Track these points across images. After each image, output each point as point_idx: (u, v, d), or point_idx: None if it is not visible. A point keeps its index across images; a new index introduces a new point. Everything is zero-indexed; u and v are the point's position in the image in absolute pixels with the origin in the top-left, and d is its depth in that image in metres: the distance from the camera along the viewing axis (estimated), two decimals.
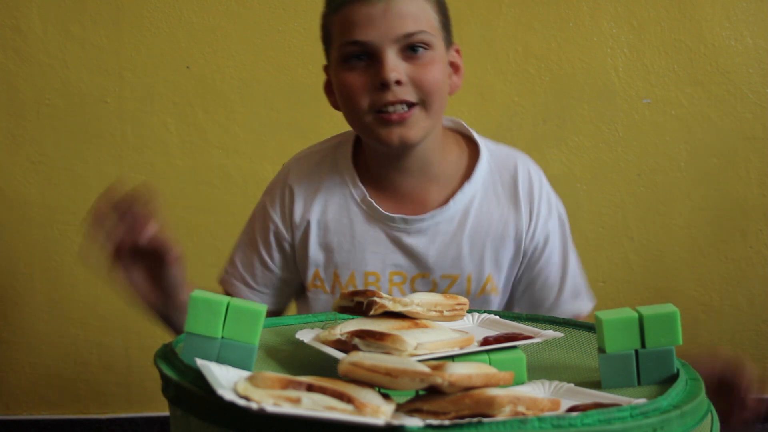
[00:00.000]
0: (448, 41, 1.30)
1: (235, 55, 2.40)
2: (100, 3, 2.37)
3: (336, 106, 1.32)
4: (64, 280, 2.43)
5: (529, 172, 1.36)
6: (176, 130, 2.41)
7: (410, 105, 1.22)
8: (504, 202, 1.33)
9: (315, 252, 1.34)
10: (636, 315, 0.83)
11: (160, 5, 2.37)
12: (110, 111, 2.39)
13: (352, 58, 1.23)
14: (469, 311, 1.02)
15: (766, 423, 2.59)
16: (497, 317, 1.01)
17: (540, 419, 0.66)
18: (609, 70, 2.44)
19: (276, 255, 1.37)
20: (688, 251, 2.49)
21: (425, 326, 0.91)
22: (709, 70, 2.44)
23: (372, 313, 0.91)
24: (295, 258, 1.37)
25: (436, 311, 0.95)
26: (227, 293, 1.39)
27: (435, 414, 0.69)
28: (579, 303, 1.36)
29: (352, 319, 0.93)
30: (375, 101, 1.22)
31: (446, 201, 1.31)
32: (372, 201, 1.31)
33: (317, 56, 2.49)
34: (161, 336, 1.19)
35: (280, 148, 2.41)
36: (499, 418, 0.68)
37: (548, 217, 1.34)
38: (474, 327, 1.00)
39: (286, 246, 1.36)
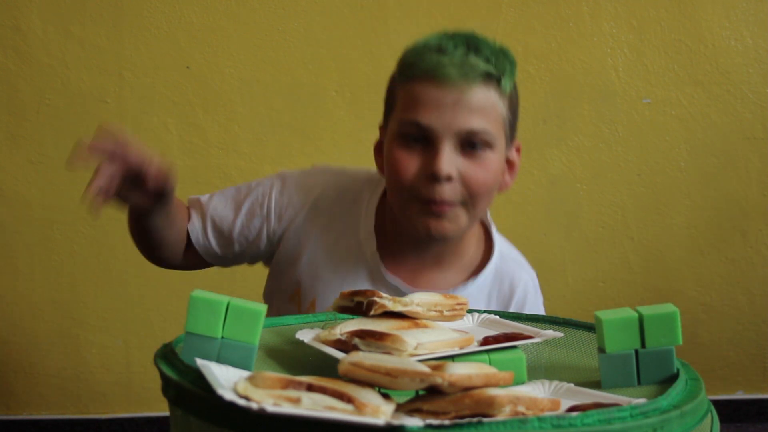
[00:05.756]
0: (511, 138, 1.25)
1: (235, 55, 2.40)
2: (100, 3, 2.37)
3: (381, 170, 1.27)
4: (64, 280, 2.44)
5: (526, 292, 1.32)
6: (176, 130, 2.41)
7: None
8: (494, 302, 1.31)
9: (302, 273, 1.30)
10: (636, 315, 0.84)
11: (160, 5, 2.37)
12: (110, 111, 2.39)
13: (409, 137, 1.18)
14: (469, 311, 1.02)
15: (766, 423, 2.59)
16: (497, 317, 1.01)
17: (540, 419, 0.66)
18: (609, 70, 2.44)
19: (249, 233, 1.32)
20: (688, 251, 2.49)
21: (425, 326, 0.91)
22: (709, 70, 2.44)
23: (372, 313, 0.91)
24: (266, 247, 1.33)
25: (436, 311, 0.95)
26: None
27: (435, 414, 0.69)
28: None
29: (352, 319, 0.93)
30: (420, 190, 1.18)
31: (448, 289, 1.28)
32: (379, 260, 1.28)
33: (317, 56, 2.50)
34: (161, 336, 1.19)
35: (280, 148, 2.41)
36: (499, 418, 0.68)
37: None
38: (474, 327, 1.00)
39: (264, 233, 1.32)
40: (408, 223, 1.22)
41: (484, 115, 1.17)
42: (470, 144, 1.17)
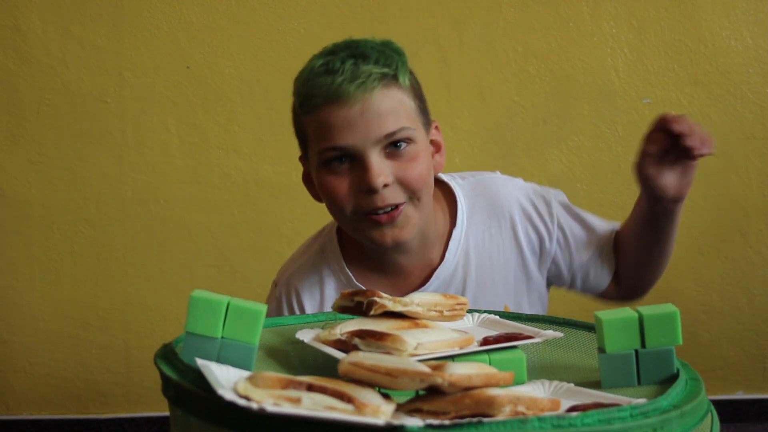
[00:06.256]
0: (427, 123, 1.24)
1: (235, 55, 2.40)
2: (100, 3, 2.37)
3: (317, 198, 1.28)
4: (64, 280, 2.44)
5: (516, 197, 1.34)
6: (176, 130, 2.41)
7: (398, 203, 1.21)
8: (495, 231, 1.32)
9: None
10: (636, 315, 0.83)
11: (160, 5, 2.37)
12: (110, 111, 2.39)
13: (333, 162, 1.19)
14: (469, 311, 1.02)
15: (766, 423, 2.59)
16: (497, 317, 1.01)
17: (540, 419, 0.66)
18: (609, 70, 2.44)
19: None
20: (688, 251, 2.49)
21: (425, 326, 0.91)
22: (709, 70, 2.44)
23: (372, 313, 0.91)
24: None
25: (436, 311, 0.95)
26: None
27: (435, 414, 0.69)
28: (610, 227, 1.44)
29: (352, 319, 0.93)
30: (362, 205, 1.19)
31: (443, 256, 1.29)
32: (377, 291, 1.29)
33: None
34: (161, 336, 1.19)
35: (280, 148, 2.41)
36: (499, 418, 0.68)
37: (550, 215, 1.34)
38: (474, 327, 1.00)
39: None
40: (366, 240, 1.23)
41: (395, 114, 1.18)
42: (393, 145, 1.18)
